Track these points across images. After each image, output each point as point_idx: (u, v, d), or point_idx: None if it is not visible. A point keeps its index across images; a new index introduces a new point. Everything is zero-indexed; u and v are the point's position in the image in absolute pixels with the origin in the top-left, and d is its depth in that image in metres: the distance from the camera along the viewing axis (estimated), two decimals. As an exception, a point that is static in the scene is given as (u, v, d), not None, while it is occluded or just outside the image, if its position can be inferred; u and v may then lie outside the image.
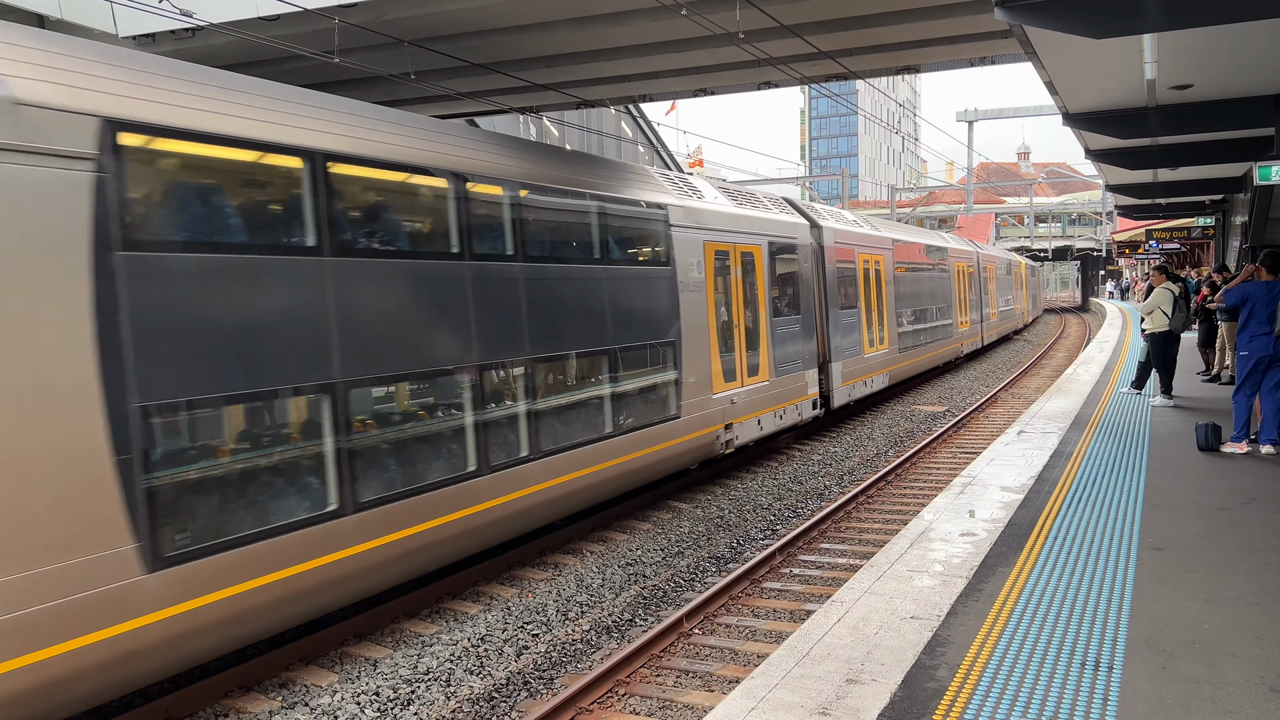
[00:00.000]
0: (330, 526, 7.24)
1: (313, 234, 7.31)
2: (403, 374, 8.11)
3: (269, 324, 6.89)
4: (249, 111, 7.00)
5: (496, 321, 9.06)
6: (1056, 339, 42.07)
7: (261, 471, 6.88)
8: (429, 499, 8.13)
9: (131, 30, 12.22)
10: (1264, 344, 9.77)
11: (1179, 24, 6.81)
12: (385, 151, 8.06)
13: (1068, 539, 6.98)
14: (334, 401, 7.31)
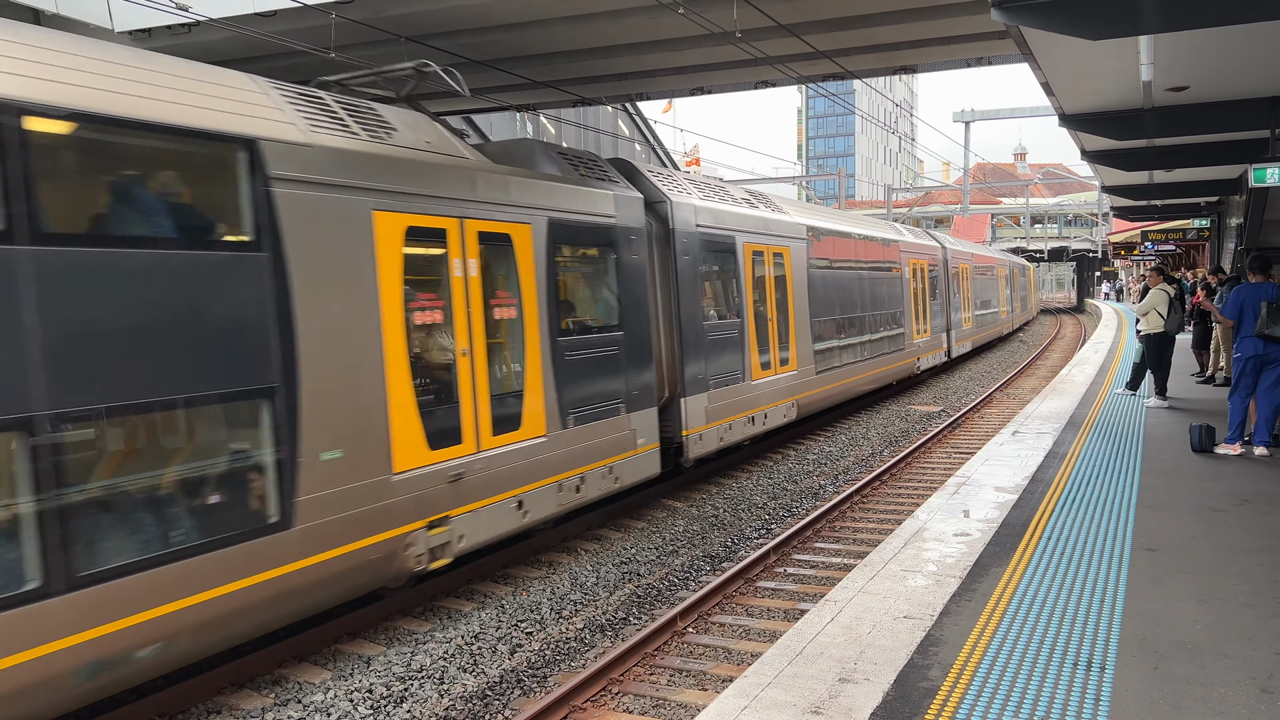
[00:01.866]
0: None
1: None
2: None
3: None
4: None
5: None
6: (1052, 340, 42.14)
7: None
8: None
9: (127, 25, 12.19)
10: (1253, 344, 9.80)
11: (1175, 26, 6.82)
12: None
13: (1061, 539, 6.99)
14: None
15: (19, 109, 5.53)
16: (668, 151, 33.26)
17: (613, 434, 10.93)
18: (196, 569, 6.27)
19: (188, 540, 6.26)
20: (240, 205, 6.83)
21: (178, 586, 6.17)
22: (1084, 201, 79.54)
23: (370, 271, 7.73)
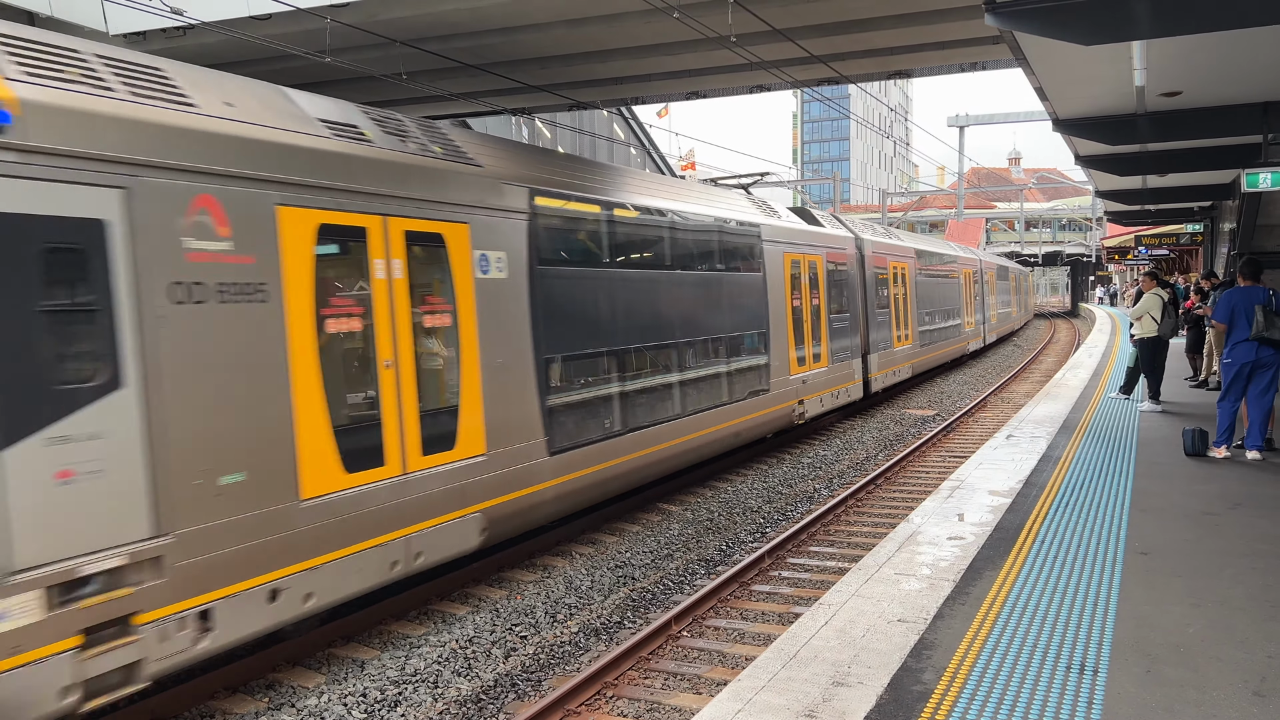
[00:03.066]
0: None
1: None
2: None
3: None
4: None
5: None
6: (1046, 344, 42.22)
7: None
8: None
9: (122, 28, 12.18)
10: (1247, 350, 9.81)
11: (1168, 31, 6.85)
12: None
13: (1055, 543, 7.01)
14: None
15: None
16: (663, 156, 33.26)
17: (847, 371, 18.88)
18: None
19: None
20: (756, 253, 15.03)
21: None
22: (1078, 206, 79.82)
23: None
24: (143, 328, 5.99)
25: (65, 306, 5.64)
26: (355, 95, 15.61)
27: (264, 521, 6.71)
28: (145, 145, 6.07)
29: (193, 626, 6.24)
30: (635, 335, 11.36)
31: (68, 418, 5.57)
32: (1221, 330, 10.62)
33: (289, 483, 6.92)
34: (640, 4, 11.32)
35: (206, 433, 6.34)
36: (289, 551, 6.88)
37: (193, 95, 6.74)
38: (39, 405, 5.43)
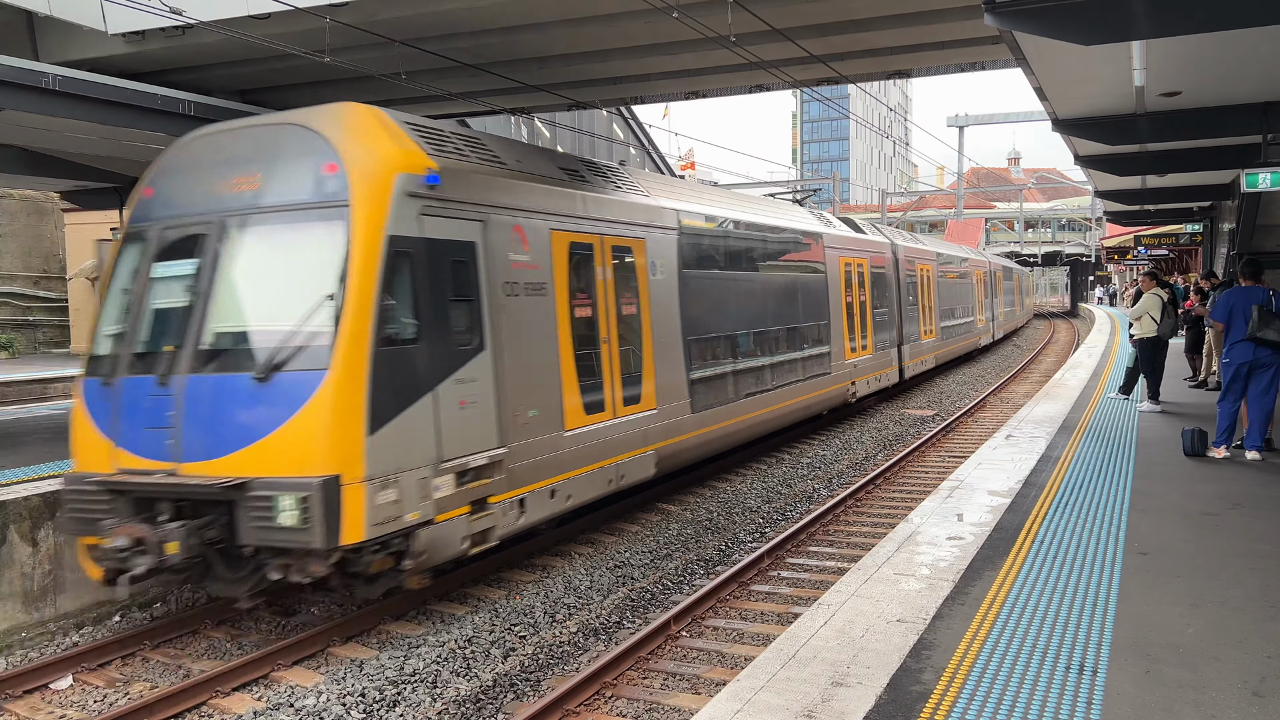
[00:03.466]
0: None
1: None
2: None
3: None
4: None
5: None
6: (1045, 344, 42.23)
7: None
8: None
9: (121, 27, 12.16)
10: (1245, 350, 9.81)
11: (1167, 31, 6.85)
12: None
13: (1054, 543, 7.00)
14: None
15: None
16: (663, 156, 33.23)
17: (886, 359, 21.82)
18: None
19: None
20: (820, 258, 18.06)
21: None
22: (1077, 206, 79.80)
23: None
24: (492, 312, 8.83)
25: (461, 297, 8.47)
26: (355, 95, 15.59)
27: (547, 444, 9.53)
28: (491, 194, 9.03)
29: (515, 509, 9.08)
30: (743, 324, 14.43)
31: (463, 367, 8.35)
32: (1220, 330, 10.61)
33: (558, 418, 9.76)
34: (640, 4, 11.31)
35: (520, 381, 9.12)
36: (559, 465, 9.72)
37: (502, 155, 9.75)
38: (453, 358, 8.27)
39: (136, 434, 7.72)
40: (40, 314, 32.04)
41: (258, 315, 7.75)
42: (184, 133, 11.27)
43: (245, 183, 8.05)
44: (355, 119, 8.22)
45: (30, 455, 11.03)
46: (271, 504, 7.13)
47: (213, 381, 7.56)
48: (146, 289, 8.19)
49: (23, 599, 8.58)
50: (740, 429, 14.16)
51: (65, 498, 8.08)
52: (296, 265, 7.79)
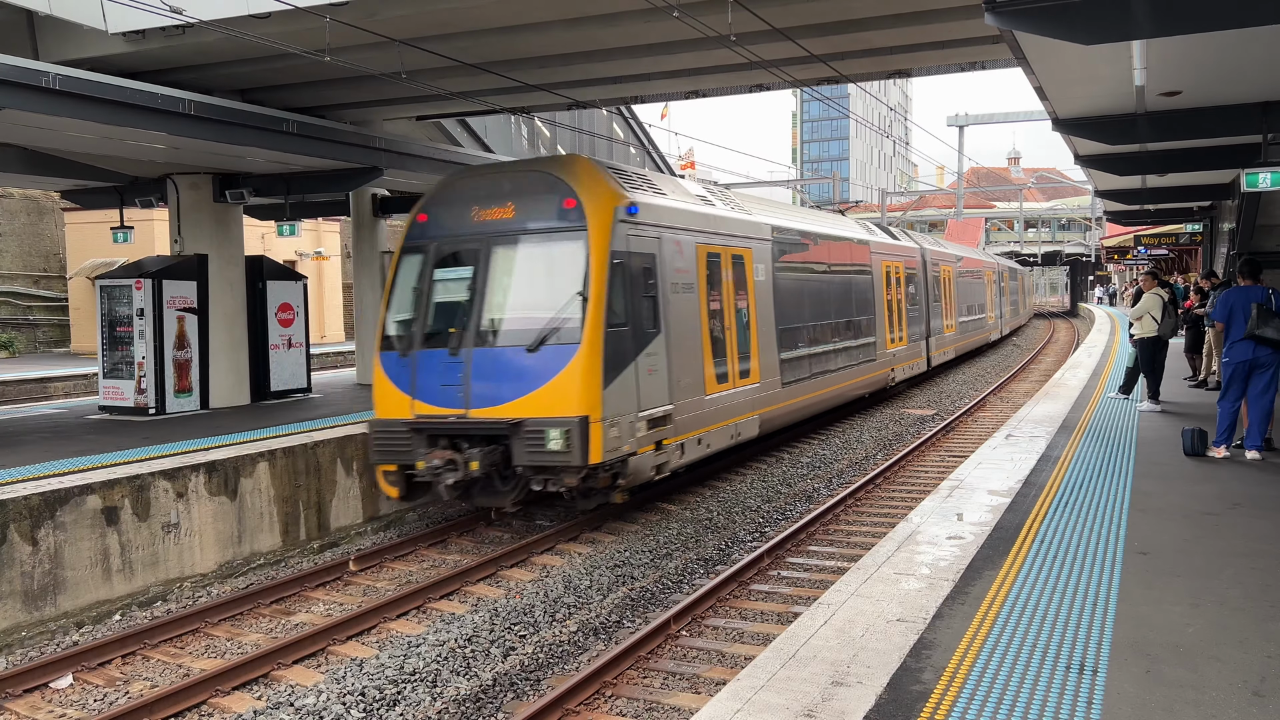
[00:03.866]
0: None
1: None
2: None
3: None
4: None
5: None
6: (1045, 344, 42.23)
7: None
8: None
9: (121, 26, 12.14)
10: (1244, 349, 9.81)
11: (1167, 31, 6.84)
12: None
13: (1054, 543, 7.00)
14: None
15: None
16: (663, 155, 33.21)
17: (917, 350, 24.59)
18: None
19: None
20: (869, 261, 21.57)
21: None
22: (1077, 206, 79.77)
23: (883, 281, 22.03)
24: (664, 305, 11.72)
25: (648, 295, 11.44)
26: (355, 94, 15.58)
27: (696, 404, 12.43)
28: (665, 218, 12.12)
29: (679, 450, 11.98)
30: (815, 316, 17.42)
31: (650, 344, 11.32)
32: (1221, 329, 10.60)
33: (701, 386, 12.64)
34: (640, 3, 11.30)
35: (680, 357, 12.00)
36: (702, 421, 12.60)
37: (663, 187, 13.00)
38: (645, 338, 11.24)
39: (433, 390, 10.67)
40: (40, 313, 32.04)
41: (523, 305, 10.78)
42: (183, 132, 11.48)
43: (503, 212, 11.08)
44: (582, 166, 11.41)
45: (30, 455, 11.03)
46: (543, 435, 10.10)
47: (493, 352, 10.58)
48: (430, 288, 11.16)
49: (23, 598, 8.58)
50: (813, 403, 17.17)
51: (374, 436, 10.97)
52: (549, 271, 10.85)
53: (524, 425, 10.18)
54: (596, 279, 10.47)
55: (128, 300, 14.54)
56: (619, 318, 10.75)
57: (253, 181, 15.55)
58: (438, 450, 10.34)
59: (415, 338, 11.02)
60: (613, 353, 10.53)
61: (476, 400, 10.46)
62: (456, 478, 10.22)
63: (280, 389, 16.49)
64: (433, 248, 11.33)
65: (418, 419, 10.68)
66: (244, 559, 10.67)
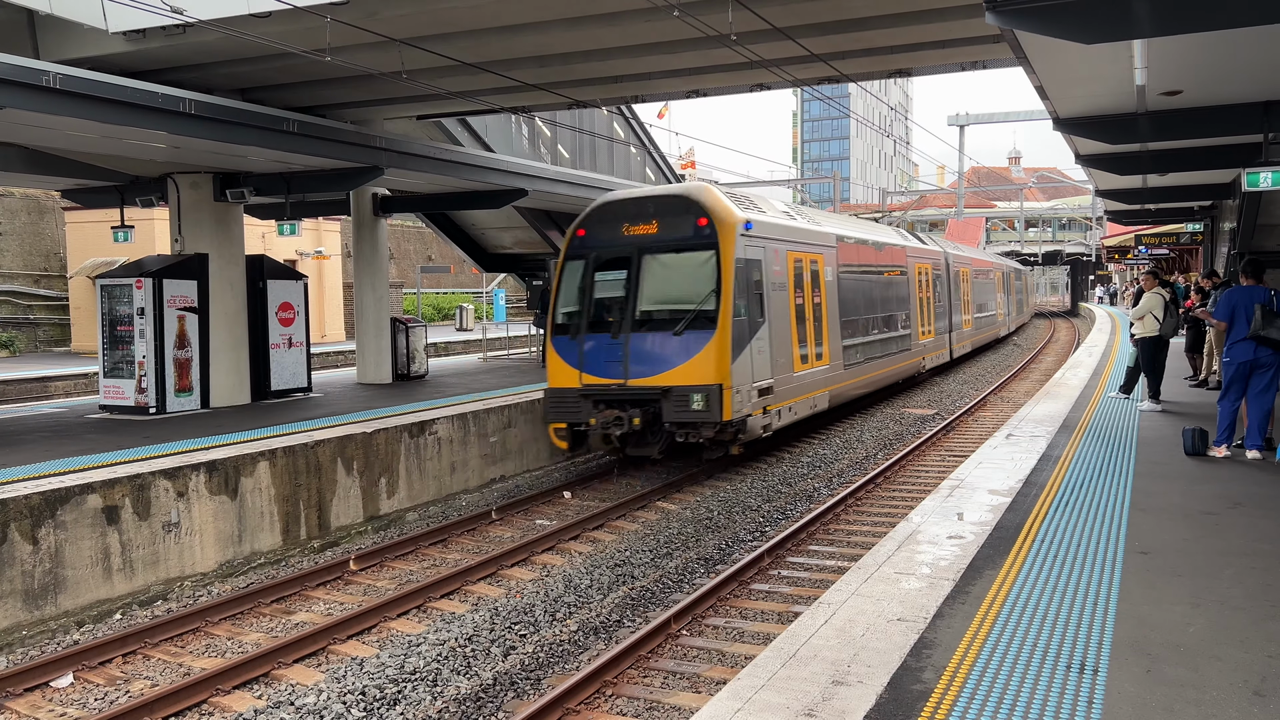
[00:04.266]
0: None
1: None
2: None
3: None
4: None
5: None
6: (1046, 343, 42.21)
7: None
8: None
9: (121, 26, 12.14)
10: (1246, 349, 9.80)
11: (1168, 30, 6.83)
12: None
13: (1054, 542, 7.00)
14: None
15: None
16: (664, 155, 33.20)
17: (941, 342, 27.49)
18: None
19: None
20: (905, 263, 24.79)
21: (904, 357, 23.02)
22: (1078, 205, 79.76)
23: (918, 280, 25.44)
24: (767, 300, 14.39)
25: (757, 292, 14.00)
26: (355, 94, 15.58)
27: (788, 380, 15.19)
28: (767, 231, 14.78)
29: (777, 415, 14.69)
30: (867, 310, 20.29)
31: (759, 330, 14.01)
32: (1222, 329, 10.59)
33: (791, 365, 15.39)
34: (641, 3, 11.29)
35: (778, 341, 14.74)
36: (791, 394, 15.32)
37: (763, 207, 15.78)
38: (756, 326, 13.92)
39: (598, 365, 13.44)
40: (41, 312, 32.04)
41: (669, 300, 13.57)
42: (184, 131, 11.56)
43: (649, 228, 13.87)
44: (710, 193, 14.17)
45: (31, 454, 11.03)
46: (688, 398, 12.89)
47: (646, 336, 13.38)
48: (592, 287, 13.92)
49: (23, 597, 8.58)
50: (866, 383, 20.07)
51: (549, 400, 13.80)
52: (688, 274, 13.60)
53: (673, 391, 12.99)
54: (725, 280, 13.33)
55: (128, 299, 14.54)
56: (740, 310, 13.53)
57: (253, 181, 15.54)
58: (608, 410, 13.23)
59: (581, 325, 13.80)
60: (737, 336, 13.37)
61: (634, 373, 13.29)
62: (623, 431, 13.10)
63: (281, 388, 16.49)
64: (592, 255, 14.09)
65: (585, 387, 13.53)
66: (244, 558, 10.68)
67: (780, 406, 14.92)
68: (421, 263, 48.48)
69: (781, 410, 15.00)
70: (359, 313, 18.90)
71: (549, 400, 13.84)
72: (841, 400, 18.43)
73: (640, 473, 14.76)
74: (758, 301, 14.16)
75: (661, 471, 14.79)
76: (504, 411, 14.86)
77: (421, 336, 19.80)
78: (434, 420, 13.46)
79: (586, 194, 20.50)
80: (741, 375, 13.42)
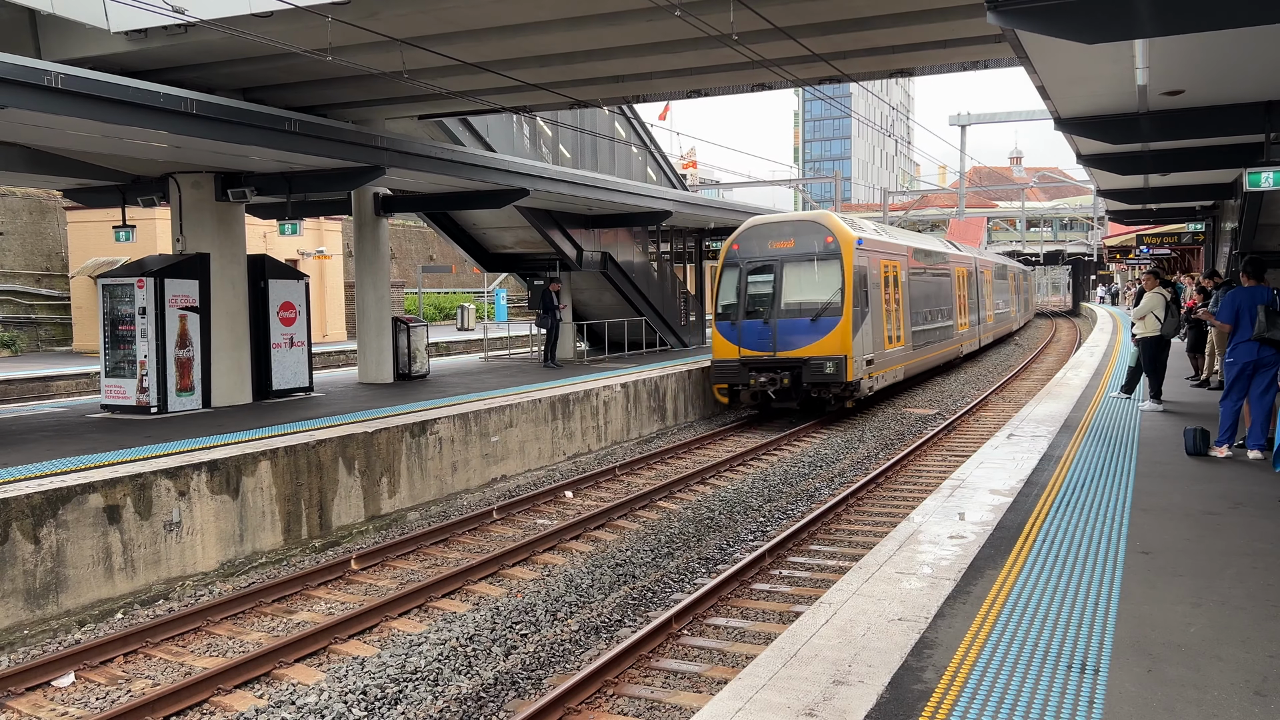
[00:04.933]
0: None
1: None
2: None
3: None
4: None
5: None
6: (1047, 343, 42.19)
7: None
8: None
9: (124, 25, 12.15)
10: (1249, 350, 9.79)
11: (1170, 30, 6.83)
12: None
13: (1056, 542, 7.00)
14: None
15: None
16: (665, 156, 33.19)
17: (974, 333, 33.09)
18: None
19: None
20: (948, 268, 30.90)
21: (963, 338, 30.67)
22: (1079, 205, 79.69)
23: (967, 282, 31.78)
24: (869, 296, 19.63)
25: (864, 289, 19.34)
26: (357, 93, 15.58)
27: (881, 354, 20.09)
28: (870, 245, 20.01)
29: (877, 381, 20.02)
30: (926, 304, 25.01)
31: (866, 317, 19.40)
32: (1224, 330, 10.57)
33: (884, 345, 20.41)
34: (642, 3, 11.29)
35: (875, 325, 19.79)
36: (883, 366, 20.28)
37: (863, 225, 21.06)
38: (864, 315, 19.22)
39: (752, 342, 18.76)
40: (43, 312, 32.06)
41: (805, 296, 18.69)
42: (186, 131, 11.71)
43: (788, 244, 19.06)
44: (832, 218, 19.43)
45: (33, 453, 11.04)
46: (823, 365, 18.12)
47: (789, 321, 18.57)
48: (745, 286, 19.14)
49: (25, 596, 8.59)
50: (926, 363, 25.20)
51: (715, 368, 19.26)
52: (819, 278, 18.69)
53: (810, 360, 18.34)
54: (847, 282, 18.59)
55: (130, 299, 14.55)
56: (856, 302, 18.70)
57: (255, 180, 15.54)
58: (764, 374, 18.55)
59: (739, 314, 19.14)
60: (855, 322, 18.60)
61: (780, 347, 18.66)
62: (775, 388, 18.42)
63: (282, 388, 16.49)
64: (744, 263, 19.40)
65: (743, 358, 18.94)
66: (246, 557, 10.68)
67: (878, 374, 20.10)
68: (423, 262, 48.49)
69: (878, 377, 20.14)
70: (360, 312, 18.90)
71: (715, 368, 19.46)
72: (910, 374, 23.68)
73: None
74: (865, 297, 19.24)
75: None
76: (505, 411, 14.86)
77: (423, 336, 19.80)
78: (435, 420, 13.47)
79: (588, 194, 20.50)
80: (857, 350, 18.59)
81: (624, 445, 17.62)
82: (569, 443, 16.29)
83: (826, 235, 18.84)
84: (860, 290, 18.91)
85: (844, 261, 18.54)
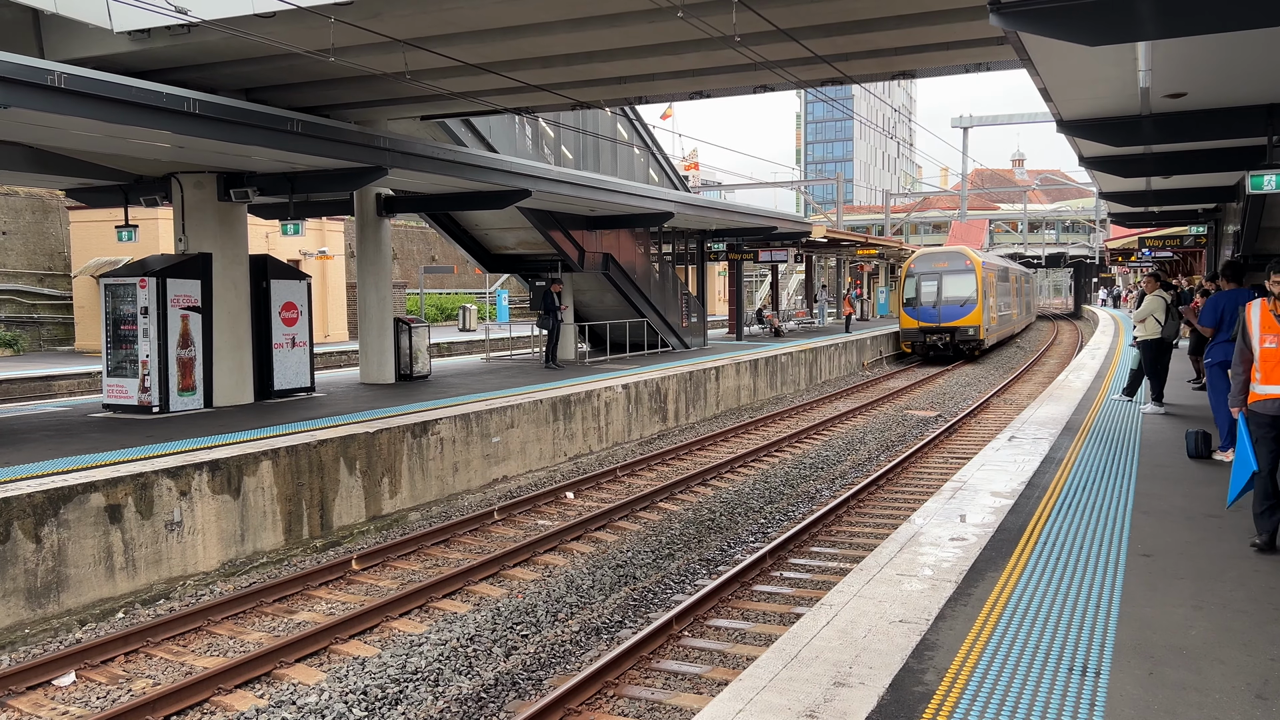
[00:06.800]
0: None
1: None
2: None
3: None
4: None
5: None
6: (1049, 346, 42.21)
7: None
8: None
9: (126, 25, 12.16)
10: (1223, 351, 9.78)
11: (1172, 32, 6.83)
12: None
13: (1057, 544, 6.99)
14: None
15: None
16: (667, 157, 33.24)
17: (1015, 319, 48.78)
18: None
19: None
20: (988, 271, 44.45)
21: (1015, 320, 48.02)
22: (1081, 208, 79.71)
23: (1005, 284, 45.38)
24: (987, 292, 35.37)
25: (984, 288, 35.39)
26: (359, 93, 15.59)
27: (990, 325, 36.50)
28: (987, 264, 36.96)
29: (990, 340, 37.40)
30: (1000, 297, 38.60)
31: (986, 303, 35.86)
32: (1209, 334, 10.55)
33: (993, 320, 37.38)
34: (644, 4, 11.30)
35: (989, 310, 35.96)
36: (992, 334, 37.83)
37: (980, 254, 38.78)
38: (986, 303, 35.92)
39: (925, 318, 34.28)
40: (45, 311, 32.09)
41: (958, 295, 34.03)
42: (188, 131, 11.98)
43: (943, 264, 34.48)
44: (967, 249, 36.00)
45: (34, 452, 11.06)
46: (967, 331, 34.02)
47: (949, 308, 34.09)
48: (920, 289, 34.44)
49: (26, 595, 8.60)
50: (1000, 336, 38.23)
51: (903, 333, 35.14)
52: (963, 284, 34.03)
53: (959, 328, 33.48)
54: (978, 285, 33.41)
55: (132, 299, 14.56)
56: (989, 297, 34.00)
57: (257, 180, 15.55)
58: (933, 335, 33.66)
59: (917, 303, 34.06)
60: (983, 308, 33.43)
61: (944, 319, 33.56)
62: (941, 343, 33.56)
63: (284, 388, 16.50)
64: (918, 274, 34.32)
65: (920, 328, 34.01)
66: (247, 557, 10.69)
67: (990, 339, 35.07)
68: (425, 263, 48.50)
69: (989, 340, 34.64)
70: (362, 313, 18.92)
71: (903, 332, 34.72)
72: (995, 340, 37.70)
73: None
74: (983, 293, 33.21)
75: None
76: (506, 412, 14.87)
77: (424, 337, 19.81)
78: (436, 420, 13.48)
79: (590, 195, 20.50)
80: (984, 322, 33.09)
81: (625, 446, 17.62)
82: (570, 444, 16.30)
83: (966, 259, 34.11)
84: (983, 288, 33.60)
85: (977, 274, 33.56)
